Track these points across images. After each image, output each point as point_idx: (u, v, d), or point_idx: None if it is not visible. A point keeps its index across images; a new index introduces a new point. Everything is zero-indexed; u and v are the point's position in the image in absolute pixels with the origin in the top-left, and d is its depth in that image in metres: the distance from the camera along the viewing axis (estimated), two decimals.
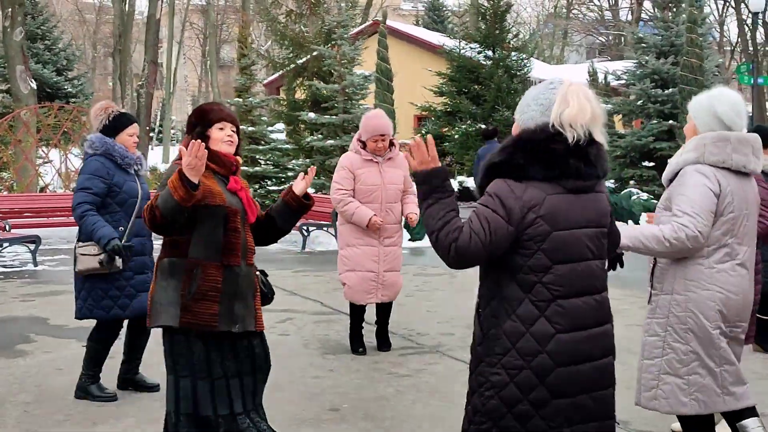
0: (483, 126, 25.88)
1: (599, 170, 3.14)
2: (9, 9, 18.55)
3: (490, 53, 27.20)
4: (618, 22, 56.19)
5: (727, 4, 49.84)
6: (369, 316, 7.37)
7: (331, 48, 19.68)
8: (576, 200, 3.09)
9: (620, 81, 22.21)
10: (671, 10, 21.10)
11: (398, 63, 23.53)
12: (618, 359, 3.37)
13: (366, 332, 7.33)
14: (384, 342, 7.27)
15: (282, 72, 25.11)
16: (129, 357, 6.08)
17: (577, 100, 3.08)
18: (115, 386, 6.03)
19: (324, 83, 19.68)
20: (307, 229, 15.03)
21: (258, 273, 4.35)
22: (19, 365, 6.84)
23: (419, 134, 28.43)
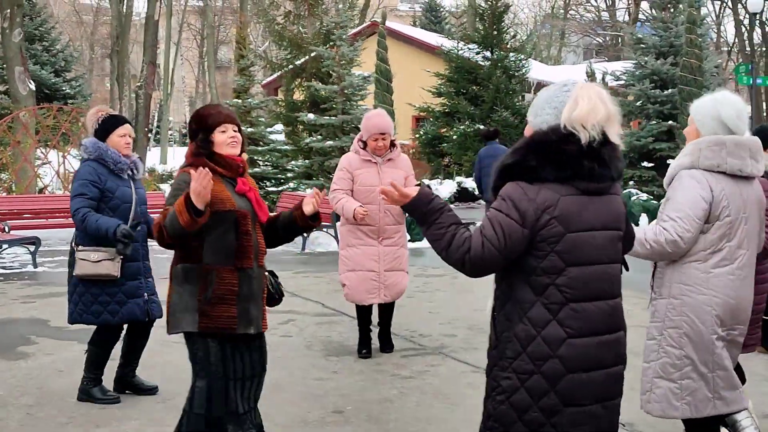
0: (481, 127, 25.91)
1: (613, 171, 3.08)
2: (7, 10, 18.53)
3: (489, 54, 27.21)
4: (615, 23, 56.24)
5: (724, 5, 49.88)
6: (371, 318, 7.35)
7: (330, 49, 19.67)
8: (590, 202, 3.05)
9: (619, 81, 22.23)
10: (669, 11, 21.12)
11: (396, 64, 23.49)
12: None
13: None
14: (387, 343, 7.26)
15: (280, 73, 25.13)
16: (126, 359, 6.05)
17: (588, 100, 3.03)
18: (112, 389, 6.00)
19: (323, 84, 19.68)
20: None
21: (267, 273, 4.37)
22: (21, 367, 6.82)
23: (416, 135, 28.48)
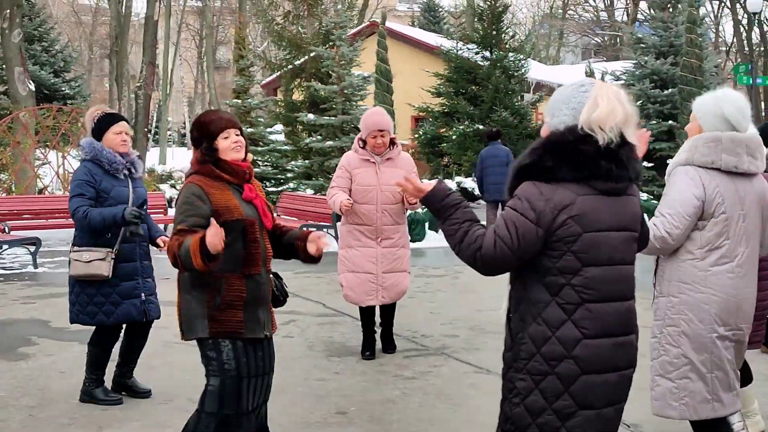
0: (481, 127, 25.91)
1: (631, 172, 3.06)
2: (7, 10, 18.49)
3: (488, 54, 27.17)
4: (614, 23, 56.26)
5: (723, 5, 49.91)
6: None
7: (330, 49, 19.65)
8: (607, 202, 3.03)
9: (619, 81, 22.22)
10: (669, 11, 21.12)
11: (396, 64, 23.48)
12: None
13: None
14: (389, 344, 7.24)
15: (279, 73, 25.11)
16: (123, 360, 6.01)
17: (607, 102, 3.01)
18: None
19: (322, 84, 19.66)
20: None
21: (271, 276, 4.37)
22: (22, 368, 6.80)
23: (416, 135, 28.45)
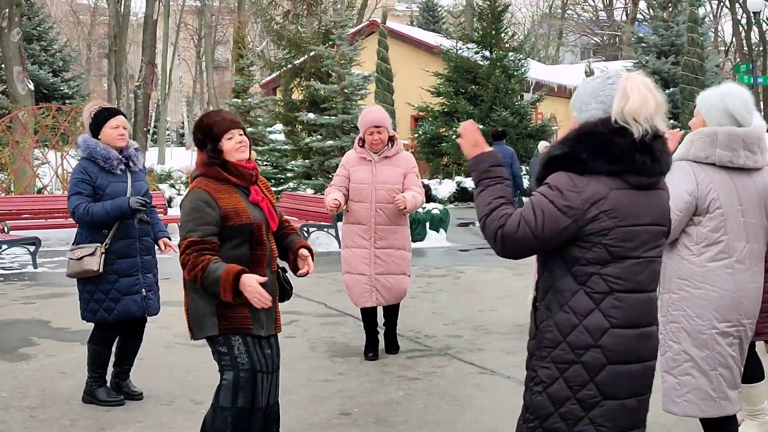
0: (481, 126, 25.89)
1: (664, 166, 3.04)
2: (6, 9, 18.44)
3: (488, 53, 27.17)
4: (613, 23, 56.29)
5: (722, 4, 49.94)
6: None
7: (330, 48, 19.62)
8: (639, 197, 2.99)
9: None
10: (669, 10, 21.10)
11: (395, 63, 23.49)
12: None
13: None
14: (391, 345, 7.18)
15: (279, 72, 25.08)
16: (117, 361, 5.96)
17: (639, 93, 2.96)
18: None
19: (322, 83, 19.62)
20: (308, 231, 14.96)
21: (279, 270, 4.38)
22: (23, 369, 6.76)
23: (415, 134, 28.41)
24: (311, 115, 19.06)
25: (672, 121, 19.24)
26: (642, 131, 2.94)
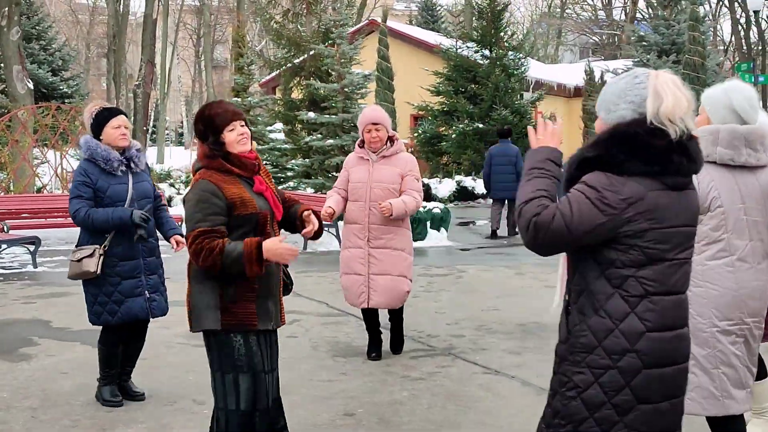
0: (480, 125, 25.88)
1: (699, 165, 3.01)
2: (5, 8, 18.42)
3: (487, 52, 27.14)
4: (612, 22, 56.31)
5: (721, 4, 49.95)
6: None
7: (330, 47, 19.59)
8: (674, 197, 2.95)
9: None
10: (669, 9, 21.09)
11: (394, 62, 23.44)
12: None
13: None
14: (394, 345, 7.11)
15: (278, 72, 25.05)
16: (120, 362, 5.91)
17: (672, 93, 2.93)
18: None
19: (321, 82, 19.59)
20: None
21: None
22: (24, 369, 6.72)
23: (414, 134, 28.37)
24: (311, 114, 19.03)
25: None
26: (679, 132, 2.91)
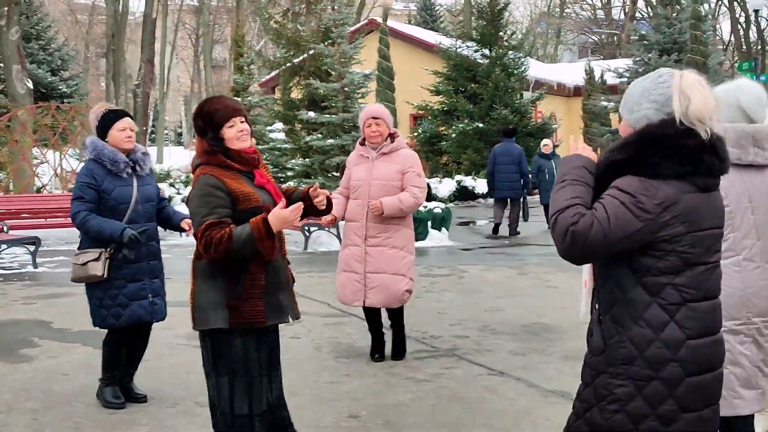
0: (480, 125, 25.86)
1: (727, 166, 2.97)
2: (5, 8, 18.37)
3: (487, 52, 27.12)
4: (611, 21, 56.31)
5: (720, 3, 49.95)
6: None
7: (330, 46, 19.55)
8: (705, 199, 2.91)
9: (622, 79, 22.15)
10: (670, 7, 21.05)
11: (394, 62, 23.39)
12: None
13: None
14: (395, 350, 6.96)
15: (277, 71, 25.00)
16: (124, 364, 5.89)
17: (699, 92, 2.89)
18: None
19: (321, 82, 19.54)
20: (309, 230, 14.88)
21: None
22: (24, 371, 6.68)
23: (414, 133, 28.34)
24: (311, 114, 18.99)
25: None
26: (709, 132, 2.87)
